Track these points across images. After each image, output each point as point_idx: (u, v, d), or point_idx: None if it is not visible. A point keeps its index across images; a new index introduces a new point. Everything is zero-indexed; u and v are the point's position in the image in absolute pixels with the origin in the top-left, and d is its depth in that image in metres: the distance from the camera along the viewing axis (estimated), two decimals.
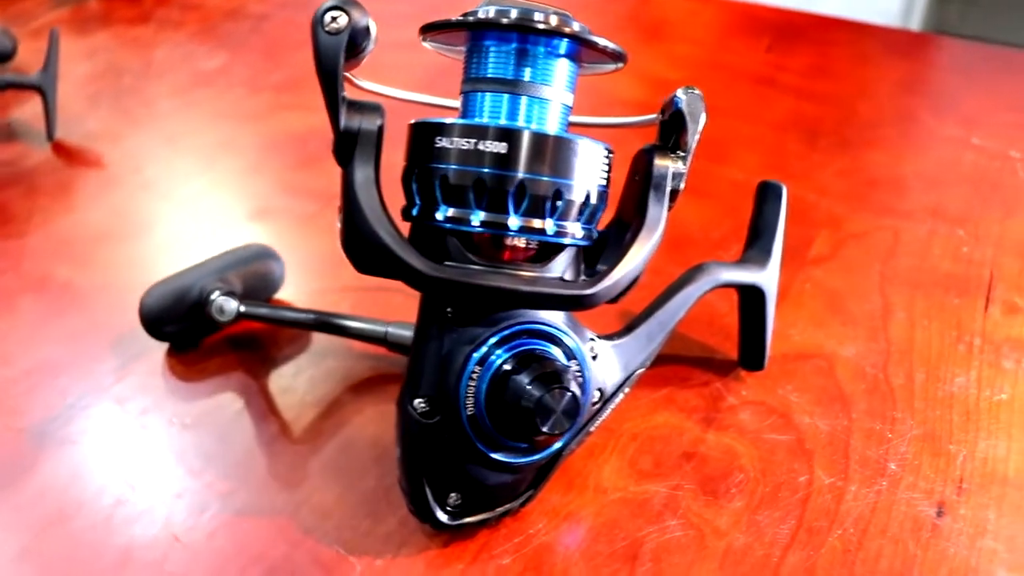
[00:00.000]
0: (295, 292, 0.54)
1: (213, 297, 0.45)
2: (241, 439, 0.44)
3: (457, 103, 0.37)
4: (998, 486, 0.42)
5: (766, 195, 0.46)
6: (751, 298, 0.46)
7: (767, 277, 0.45)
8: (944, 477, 0.42)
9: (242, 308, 0.46)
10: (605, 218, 0.38)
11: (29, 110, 0.74)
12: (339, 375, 0.48)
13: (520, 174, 0.33)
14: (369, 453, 0.43)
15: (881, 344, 0.50)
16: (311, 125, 0.74)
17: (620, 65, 0.36)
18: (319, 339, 0.50)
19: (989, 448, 0.44)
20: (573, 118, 0.38)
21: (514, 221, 0.33)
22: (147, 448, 0.43)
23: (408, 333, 0.45)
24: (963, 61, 0.92)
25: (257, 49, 0.88)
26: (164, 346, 0.49)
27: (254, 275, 0.51)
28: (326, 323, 0.46)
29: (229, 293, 0.46)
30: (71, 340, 0.50)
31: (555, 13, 0.34)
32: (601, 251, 0.38)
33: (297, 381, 0.48)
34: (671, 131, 0.37)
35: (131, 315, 0.49)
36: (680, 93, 0.36)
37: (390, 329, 0.46)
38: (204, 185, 0.67)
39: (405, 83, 0.40)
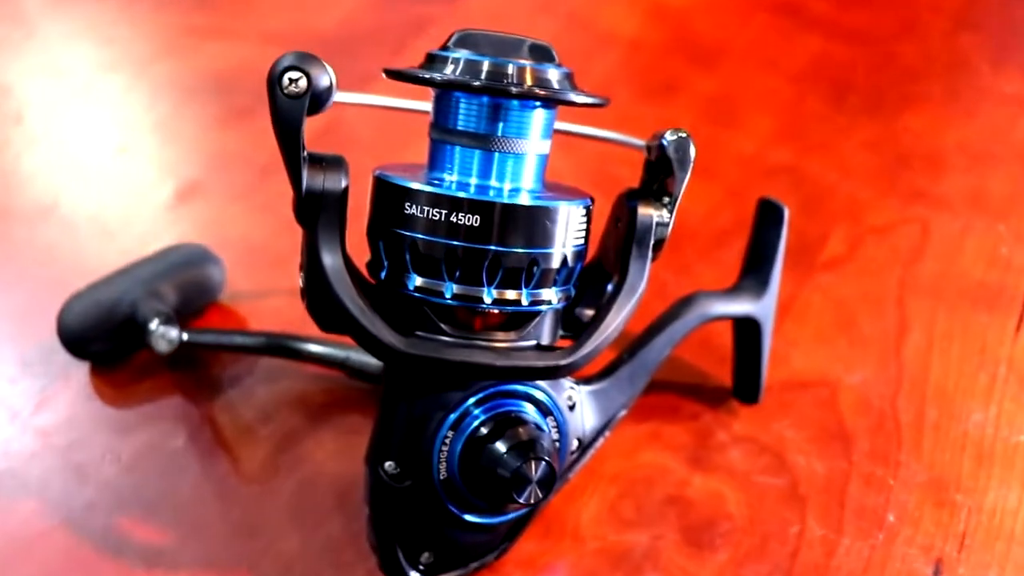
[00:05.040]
0: (235, 299, 0.62)
1: (152, 326, 0.53)
2: (187, 480, 0.53)
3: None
4: (1003, 543, 0.51)
5: (766, 217, 0.55)
6: (746, 330, 0.55)
7: (763, 308, 0.54)
8: (945, 531, 0.52)
9: (185, 336, 0.54)
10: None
11: None
12: (293, 400, 0.57)
13: (493, 247, 0.41)
14: (331, 494, 0.52)
15: (892, 371, 0.60)
16: (237, 60, 0.81)
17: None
18: (268, 359, 0.59)
19: (999, 499, 0.53)
20: (557, 125, 0.47)
21: (488, 294, 0.41)
22: (80, 493, 0.52)
23: (370, 359, 0.55)
24: None
25: None
26: (85, 362, 0.58)
27: (190, 283, 0.59)
28: (280, 347, 0.55)
29: (167, 319, 0.54)
30: None
31: (531, 63, 0.41)
32: (581, 293, 0.47)
33: (246, 408, 0.56)
34: (657, 172, 0.45)
35: (42, 321, 0.56)
36: (668, 136, 0.43)
37: (351, 355, 0.55)
38: (109, 154, 0.74)
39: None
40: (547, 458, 0.41)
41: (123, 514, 0.51)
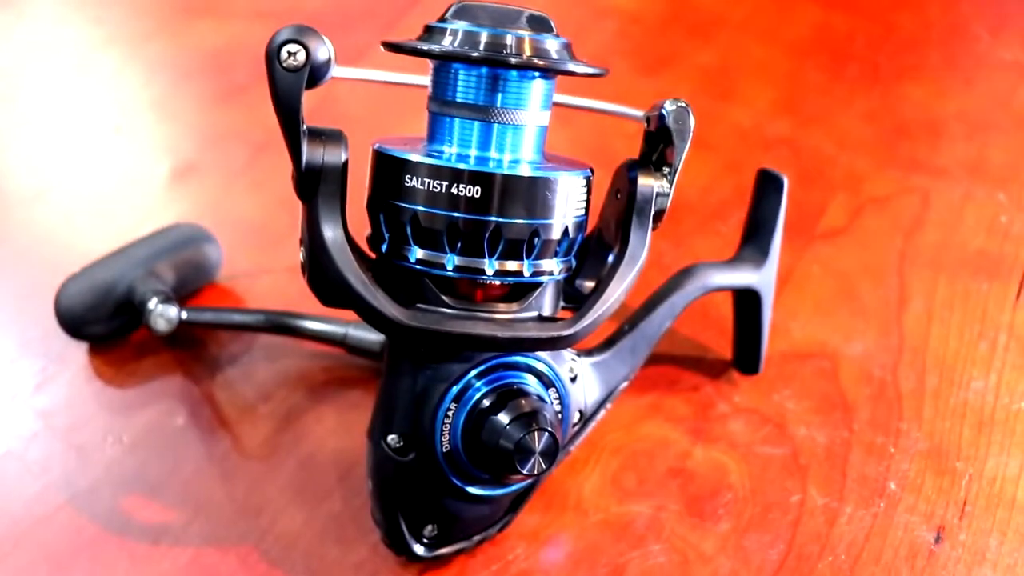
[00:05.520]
0: (233, 278, 0.63)
1: (151, 306, 0.54)
2: (190, 458, 0.53)
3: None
4: (1004, 509, 0.52)
5: (766, 187, 0.55)
6: (746, 301, 0.55)
7: (763, 279, 0.55)
8: (946, 498, 0.52)
9: (184, 315, 0.55)
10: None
11: None
12: (293, 378, 0.57)
13: (494, 218, 0.41)
14: (333, 470, 0.53)
15: (893, 340, 0.61)
16: (231, 38, 0.81)
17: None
18: (267, 335, 0.59)
19: (999, 466, 0.54)
20: (556, 97, 0.47)
21: (489, 266, 0.42)
22: (84, 474, 0.52)
23: (370, 335, 0.55)
24: None
25: None
26: (84, 343, 0.58)
27: (187, 263, 0.59)
28: (279, 324, 0.56)
29: (166, 298, 0.54)
30: None
31: (529, 33, 0.41)
32: (581, 264, 0.48)
33: (246, 386, 0.57)
34: (656, 143, 0.45)
35: (40, 301, 0.57)
36: (668, 105, 0.44)
37: (350, 331, 0.56)
38: (104, 134, 0.74)
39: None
40: (550, 429, 0.42)
41: (126, 494, 0.52)
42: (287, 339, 0.58)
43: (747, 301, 0.55)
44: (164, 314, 0.54)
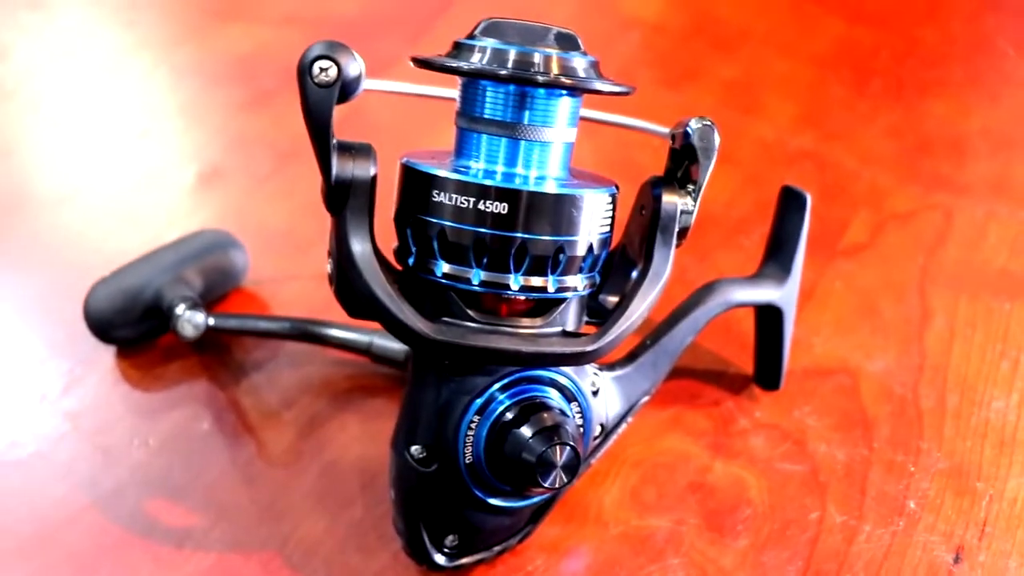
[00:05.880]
0: (259, 284, 0.63)
1: (179, 311, 0.55)
2: (214, 463, 0.54)
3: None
4: None
5: (789, 204, 0.56)
6: (768, 317, 0.56)
7: (785, 295, 0.55)
8: (966, 519, 0.53)
9: (211, 321, 0.55)
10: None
11: None
12: (317, 385, 0.58)
13: (520, 234, 0.42)
14: (355, 478, 0.53)
15: (914, 358, 0.61)
16: (259, 44, 0.82)
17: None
18: (292, 343, 0.60)
19: (1020, 487, 0.54)
20: (582, 112, 0.47)
21: (515, 281, 0.42)
22: (109, 477, 0.53)
23: (394, 344, 0.56)
24: None
25: None
26: (111, 346, 0.59)
27: (214, 269, 0.60)
28: (305, 332, 0.56)
29: (193, 304, 0.55)
30: None
31: (557, 52, 0.42)
32: (606, 279, 0.48)
33: (270, 393, 0.58)
34: (681, 160, 0.46)
35: (68, 304, 0.58)
36: (693, 124, 0.44)
37: (375, 339, 0.56)
38: (131, 138, 0.75)
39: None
40: (572, 443, 0.43)
41: (151, 497, 0.52)
42: (312, 346, 0.59)
43: (769, 317, 0.56)
44: (192, 320, 0.55)
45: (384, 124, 0.73)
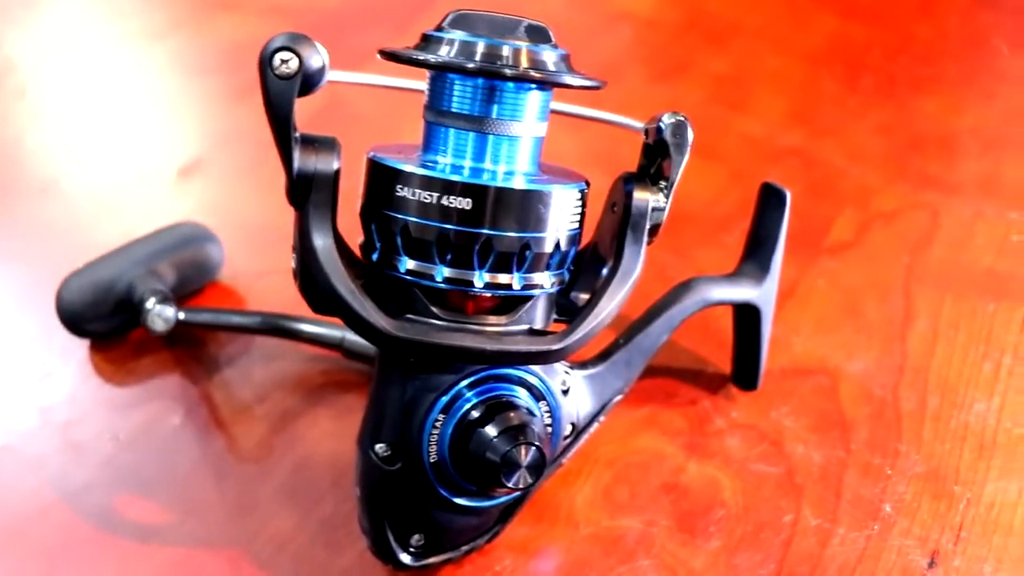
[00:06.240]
0: (234, 278, 0.63)
1: (149, 305, 0.54)
2: (184, 458, 0.54)
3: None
4: (1000, 536, 0.51)
5: (768, 201, 0.55)
6: (746, 316, 0.55)
7: (763, 294, 0.54)
8: (942, 523, 0.52)
9: (181, 315, 0.55)
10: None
11: None
12: (289, 381, 0.58)
13: (486, 231, 0.41)
14: (327, 474, 0.53)
15: (896, 358, 0.60)
16: (244, 36, 0.81)
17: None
18: (266, 338, 0.60)
19: (998, 492, 0.53)
20: (554, 105, 0.47)
21: (479, 278, 0.42)
22: (79, 471, 0.53)
23: None
24: None
25: None
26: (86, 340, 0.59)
27: (188, 263, 0.60)
28: (276, 327, 0.56)
29: (164, 298, 0.55)
30: None
31: (527, 44, 0.41)
32: (576, 276, 0.48)
33: (242, 388, 0.57)
34: (654, 156, 0.45)
35: (44, 296, 0.57)
36: (666, 119, 0.44)
37: (347, 335, 0.56)
38: (115, 129, 0.75)
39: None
40: (537, 443, 0.42)
41: (120, 492, 0.52)
42: (285, 341, 0.58)
43: (747, 316, 0.55)
44: (161, 314, 0.54)
45: (367, 115, 0.73)
